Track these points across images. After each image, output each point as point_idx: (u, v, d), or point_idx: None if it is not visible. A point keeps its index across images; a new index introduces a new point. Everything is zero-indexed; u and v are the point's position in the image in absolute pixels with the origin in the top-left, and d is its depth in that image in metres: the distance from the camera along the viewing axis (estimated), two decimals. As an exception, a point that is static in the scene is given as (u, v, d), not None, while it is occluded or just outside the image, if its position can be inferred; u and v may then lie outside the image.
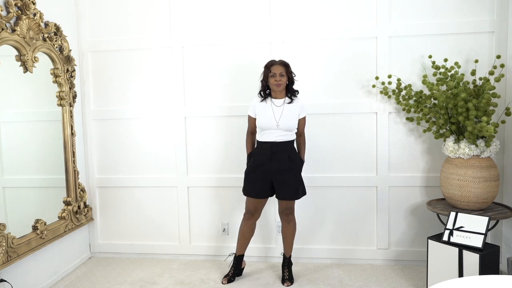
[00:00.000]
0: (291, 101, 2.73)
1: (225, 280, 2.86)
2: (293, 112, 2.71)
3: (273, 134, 2.68)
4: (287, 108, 2.71)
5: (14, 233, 2.47)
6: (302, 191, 2.80)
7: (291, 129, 2.71)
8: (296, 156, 2.75)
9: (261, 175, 2.72)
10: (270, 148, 2.69)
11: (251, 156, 2.82)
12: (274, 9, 3.10)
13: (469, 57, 2.93)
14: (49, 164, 3.03)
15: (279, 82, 2.66)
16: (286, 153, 2.69)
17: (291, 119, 2.69)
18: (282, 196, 2.73)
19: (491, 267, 2.32)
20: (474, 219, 2.40)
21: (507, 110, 2.63)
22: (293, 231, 2.86)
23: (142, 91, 3.31)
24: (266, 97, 2.77)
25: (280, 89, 2.69)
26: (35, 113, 2.96)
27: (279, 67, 2.67)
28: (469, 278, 1.60)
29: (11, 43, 2.48)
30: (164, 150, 3.32)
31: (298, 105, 2.74)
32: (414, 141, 3.07)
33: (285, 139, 2.70)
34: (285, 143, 2.70)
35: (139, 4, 3.25)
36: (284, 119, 2.68)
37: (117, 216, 3.43)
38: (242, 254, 2.92)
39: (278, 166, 2.68)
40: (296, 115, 2.72)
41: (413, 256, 3.11)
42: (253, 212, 2.82)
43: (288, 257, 2.89)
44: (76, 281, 2.99)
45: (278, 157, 2.68)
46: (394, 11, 3.00)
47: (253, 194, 2.76)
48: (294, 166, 2.72)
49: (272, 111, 2.70)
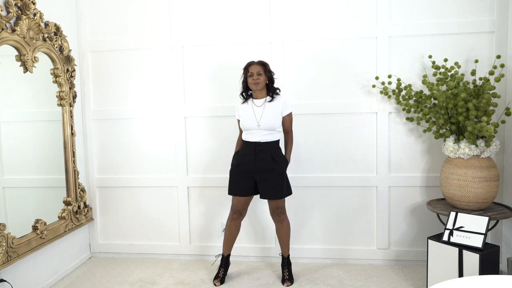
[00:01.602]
0: (272, 99, 2.73)
1: (217, 282, 2.85)
2: (275, 111, 2.70)
3: (256, 134, 2.69)
4: (268, 106, 2.71)
5: (14, 233, 2.47)
6: (286, 190, 2.77)
7: (273, 128, 2.70)
8: (280, 156, 2.74)
9: (245, 174, 2.73)
10: (254, 147, 2.70)
11: (235, 156, 2.83)
12: (274, 9, 3.10)
13: (469, 57, 2.93)
14: (49, 164, 3.03)
15: (256, 81, 2.68)
16: (270, 153, 2.69)
17: (272, 118, 2.69)
18: (264, 195, 2.73)
19: (491, 267, 2.32)
20: (474, 219, 2.40)
21: (507, 110, 2.63)
22: (287, 230, 2.85)
23: (142, 91, 3.31)
24: (247, 98, 2.80)
25: (258, 88, 2.70)
26: (35, 113, 2.96)
27: (256, 66, 2.70)
28: (469, 278, 1.60)
29: (11, 43, 2.48)
30: (164, 150, 3.32)
31: (280, 102, 2.72)
32: (414, 141, 3.07)
33: (269, 139, 2.70)
34: (269, 143, 2.71)
35: (139, 4, 3.25)
36: (265, 119, 2.68)
37: (117, 216, 3.43)
38: (230, 253, 2.93)
39: (261, 166, 2.69)
40: (278, 113, 2.71)
41: (413, 256, 3.11)
42: (241, 211, 2.83)
43: (286, 257, 2.88)
44: (76, 281, 2.99)
45: (261, 156, 2.69)
46: (394, 11, 3.00)
47: (239, 193, 2.77)
48: (278, 166, 2.70)
49: (253, 112, 2.71)
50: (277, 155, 2.73)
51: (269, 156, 2.69)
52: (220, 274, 2.88)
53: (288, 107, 2.76)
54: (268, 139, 2.70)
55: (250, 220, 3.20)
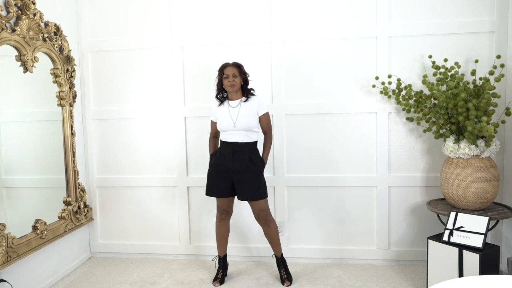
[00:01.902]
0: (247, 99, 2.73)
1: (217, 283, 2.84)
2: (250, 111, 2.70)
3: (233, 135, 2.69)
4: (244, 107, 2.71)
5: (14, 233, 2.47)
6: (263, 192, 2.73)
7: (249, 128, 2.69)
8: (257, 157, 2.73)
9: (222, 174, 2.73)
10: (232, 148, 2.70)
11: (213, 156, 2.82)
12: (274, 9, 3.10)
13: (469, 57, 2.93)
14: (49, 164, 3.03)
15: (232, 83, 2.68)
16: (247, 154, 2.68)
17: (248, 118, 2.68)
18: (241, 196, 2.72)
19: (491, 267, 2.32)
20: (474, 219, 2.40)
21: (507, 110, 2.63)
22: (275, 231, 2.81)
23: (142, 91, 3.32)
24: (223, 100, 2.80)
25: (234, 89, 2.70)
26: (35, 113, 2.96)
27: (231, 68, 2.71)
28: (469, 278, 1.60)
29: (11, 43, 2.48)
30: (164, 150, 3.32)
31: (255, 102, 2.72)
32: (414, 141, 3.07)
33: (247, 140, 2.69)
34: (247, 144, 2.70)
35: (139, 4, 3.25)
36: (240, 119, 2.68)
37: (117, 216, 3.43)
38: (226, 253, 2.93)
39: (238, 167, 2.68)
40: (253, 113, 2.70)
41: (413, 256, 3.11)
42: (228, 210, 2.84)
43: (280, 257, 2.86)
44: (76, 281, 2.99)
45: (238, 157, 2.68)
46: (394, 11, 3.00)
47: (217, 194, 2.77)
48: (255, 167, 2.69)
49: (229, 113, 2.72)
50: (255, 156, 2.72)
51: (247, 157, 2.67)
52: (219, 275, 2.88)
53: (263, 107, 2.74)
54: (246, 140, 2.69)
55: (248, 220, 3.20)
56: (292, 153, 3.17)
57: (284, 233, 3.23)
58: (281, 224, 3.22)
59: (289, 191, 3.21)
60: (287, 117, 3.16)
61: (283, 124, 3.16)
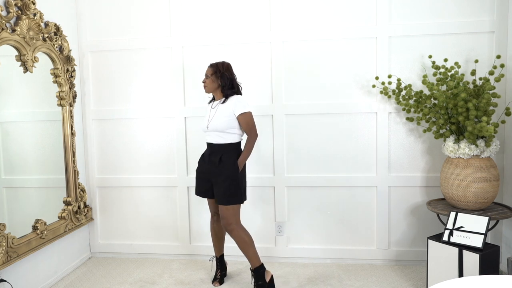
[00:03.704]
0: (225, 100, 2.62)
1: (216, 283, 2.84)
2: (225, 112, 2.57)
3: (209, 136, 2.66)
4: (220, 108, 2.62)
5: (14, 233, 2.47)
6: (230, 198, 2.56)
7: (220, 129, 2.58)
8: (230, 160, 2.57)
9: (201, 175, 2.72)
10: (209, 148, 2.67)
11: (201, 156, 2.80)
12: (274, 9, 3.10)
13: (469, 57, 2.93)
14: (49, 164, 3.03)
15: (203, 83, 2.67)
16: (219, 156, 2.58)
17: (219, 120, 2.58)
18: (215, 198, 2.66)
19: (491, 267, 2.32)
20: (474, 219, 2.40)
21: (507, 110, 2.63)
22: (240, 244, 2.60)
23: (142, 91, 3.31)
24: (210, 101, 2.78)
25: (206, 90, 2.68)
26: (35, 113, 2.96)
27: (207, 68, 2.68)
28: (469, 278, 1.60)
29: (11, 43, 2.48)
30: (164, 150, 3.32)
31: (232, 102, 2.58)
32: (414, 141, 3.07)
33: (220, 142, 2.60)
34: (221, 146, 2.60)
35: (139, 4, 3.25)
36: (213, 121, 2.61)
37: (117, 216, 3.43)
38: (222, 253, 2.92)
39: (211, 168, 2.63)
40: (228, 114, 2.56)
41: (413, 256, 3.11)
42: (217, 212, 2.78)
43: (252, 269, 2.63)
44: (76, 281, 2.99)
45: (211, 158, 2.63)
46: (394, 11, 3.00)
47: (200, 193, 2.76)
48: (224, 170, 2.56)
49: (208, 114, 2.70)
50: (227, 158, 2.57)
51: (218, 158, 2.58)
52: (218, 275, 2.88)
53: (240, 106, 2.56)
54: (219, 141, 2.60)
55: (246, 220, 3.20)
56: (292, 153, 3.17)
57: (284, 233, 3.23)
58: (281, 224, 3.22)
59: (289, 191, 3.21)
60: (287, 117, 3.16)
61: (283, 124, 3.16)
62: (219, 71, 2.63)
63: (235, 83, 2.67)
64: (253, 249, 2.62)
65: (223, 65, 2.65)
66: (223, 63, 2.67)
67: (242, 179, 2.63)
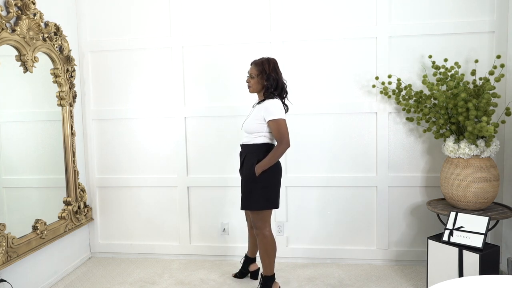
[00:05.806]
0: (260, 102, 2.53)
1: (234, 274, 2.94)
2: (257, 115, 2.50)
3: (243, 137, 2.61)
4: (255, 110, 2.55)
5: (14, 233, 2.47)
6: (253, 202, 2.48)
7: (250, 131, 2.52)
8: (249, 162, 2.49)
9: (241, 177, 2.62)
10: (241, 149, 2.64)
11: None
12: (274, 9, 3.10)
13: (469, 57, 2.93)
14: (49, 164, 3.03)
15: (247, 83, 2.56)
16: (244, 156, 2.55)
17: (250, 121, 2.52)
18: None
19: (491, 267, 2.32)
20: (474, 219, 2.40)
21: (507, 110, 2.63)
22: (262, 247, 2.56)
23: (142, 91, 3.31)
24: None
25: (250, 91, 2.56)
26: (35, 113, 2.96)
27: (251, 67, 2.56)
28: (469, 278, 1.60)
29: (11, 43, 2.48)
30: (164, 150, 3.32)
31: (263, 106, 2.46)
32: (414, 141, 3.07)
33: (249, 142, 2.53)
34: (249, 146, 2.53)
35: (139, 4, 3.25)
36: (246, 122, 2.58)
37: (117, 216, 3.43)
38: (250, 256, 2.91)
39: (242, 169, 2.59)
40: (258, 117, 2.48)
41: (413, 256, 3.11)
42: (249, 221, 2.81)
43: (262, 276, 2.61)
44: (76, 281, 2.99)
45: (240, 158, 2.61)
46: (394, 11, 3.00)
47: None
48: (246, 171, 2.50)
49: (248, 113, 2.67)
50: (248, 160, 2.51)
51: (243, 158, 2.55)
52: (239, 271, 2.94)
53: (269, 113, 2.43)
54: (248, 142, 2.54)
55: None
56: (292, 153, 3.16)
57: (284, 233, 3.23)
58: (280, 224, 3.22)
59: (289, 191, 3.21)
60: (287, 117, 3.14)
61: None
62: (265, 72, 2.48)
63: (280, 83, 2.52)
64: (270, 260, 2.58)
65: (269, 64, 2.49)
66: (269, 61, 2.51)
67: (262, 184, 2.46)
